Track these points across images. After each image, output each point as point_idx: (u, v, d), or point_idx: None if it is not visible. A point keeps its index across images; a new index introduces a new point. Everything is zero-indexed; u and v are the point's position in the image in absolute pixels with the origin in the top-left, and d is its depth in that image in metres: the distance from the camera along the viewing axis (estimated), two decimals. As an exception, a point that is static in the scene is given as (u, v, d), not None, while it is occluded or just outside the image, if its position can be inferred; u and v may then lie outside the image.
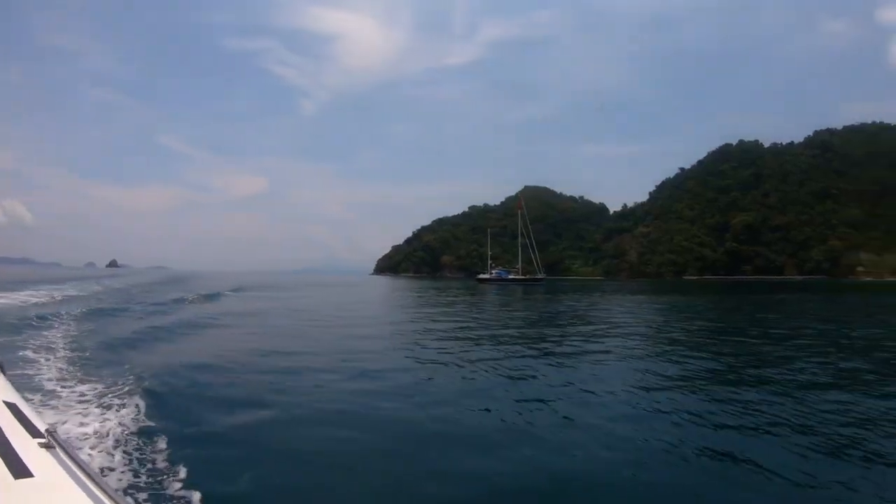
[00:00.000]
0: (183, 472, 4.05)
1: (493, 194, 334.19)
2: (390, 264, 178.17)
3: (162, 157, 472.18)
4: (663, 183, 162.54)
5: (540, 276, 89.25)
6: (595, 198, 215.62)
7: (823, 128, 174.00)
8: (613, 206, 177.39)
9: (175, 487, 3.82)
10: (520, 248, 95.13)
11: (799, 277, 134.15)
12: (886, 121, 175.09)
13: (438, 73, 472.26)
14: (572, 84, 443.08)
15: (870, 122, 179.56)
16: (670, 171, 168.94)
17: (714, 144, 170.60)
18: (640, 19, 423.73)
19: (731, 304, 31.37)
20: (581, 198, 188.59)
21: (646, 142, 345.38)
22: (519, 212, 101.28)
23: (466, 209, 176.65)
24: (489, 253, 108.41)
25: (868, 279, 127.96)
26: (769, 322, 18.80)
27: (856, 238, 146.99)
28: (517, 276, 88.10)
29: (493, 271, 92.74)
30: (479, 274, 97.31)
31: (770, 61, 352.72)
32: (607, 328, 16.12)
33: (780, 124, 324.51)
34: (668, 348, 12.07)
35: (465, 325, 17.07)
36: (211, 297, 27.98)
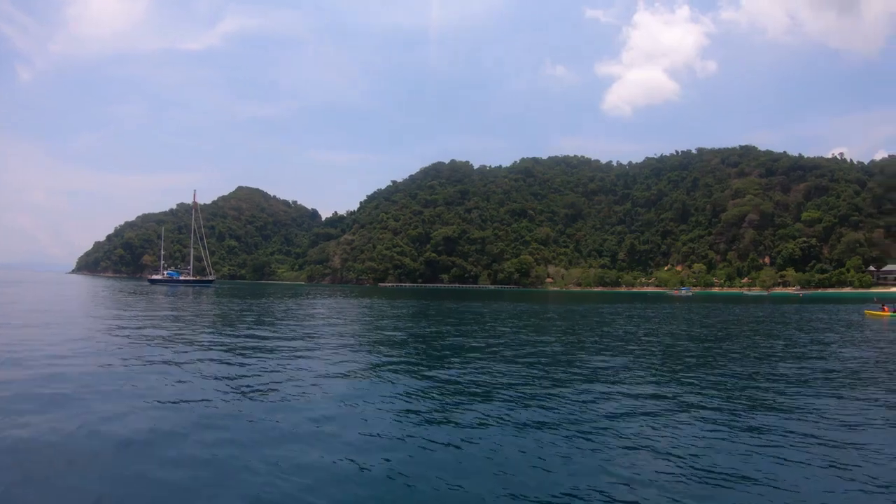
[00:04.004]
0: None
1: (210, 191, 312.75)
2: (89, 262, 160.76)
3: None
4: (375, 193, 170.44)
5: (210, 278, 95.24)
6: (312, 203, 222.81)
7: (530, 156, 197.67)
8: (329, 213, 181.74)
9: None
10: (192, 250, 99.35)
11: (492, 286, 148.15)
12: (587, 156, 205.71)
13: (173, 56, 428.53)
14: (310, 89, 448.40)
15: (573, 154, 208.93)
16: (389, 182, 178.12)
17: (434, 160, 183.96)
18: (386, 37, 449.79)
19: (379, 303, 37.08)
20: (294, 202, 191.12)
21: (375, 152, 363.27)
22: (194, 214, 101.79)
23: (174, 206, 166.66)
24: (162, 253, 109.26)
25: (555, 289, 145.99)
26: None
27: (545, 253, 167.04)
28: (188, 278, 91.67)
29: (165, 272, 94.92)
30: (151, 275, 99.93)
31: (500, 92, 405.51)
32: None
33: (504, 148, 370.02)
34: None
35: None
36: None
